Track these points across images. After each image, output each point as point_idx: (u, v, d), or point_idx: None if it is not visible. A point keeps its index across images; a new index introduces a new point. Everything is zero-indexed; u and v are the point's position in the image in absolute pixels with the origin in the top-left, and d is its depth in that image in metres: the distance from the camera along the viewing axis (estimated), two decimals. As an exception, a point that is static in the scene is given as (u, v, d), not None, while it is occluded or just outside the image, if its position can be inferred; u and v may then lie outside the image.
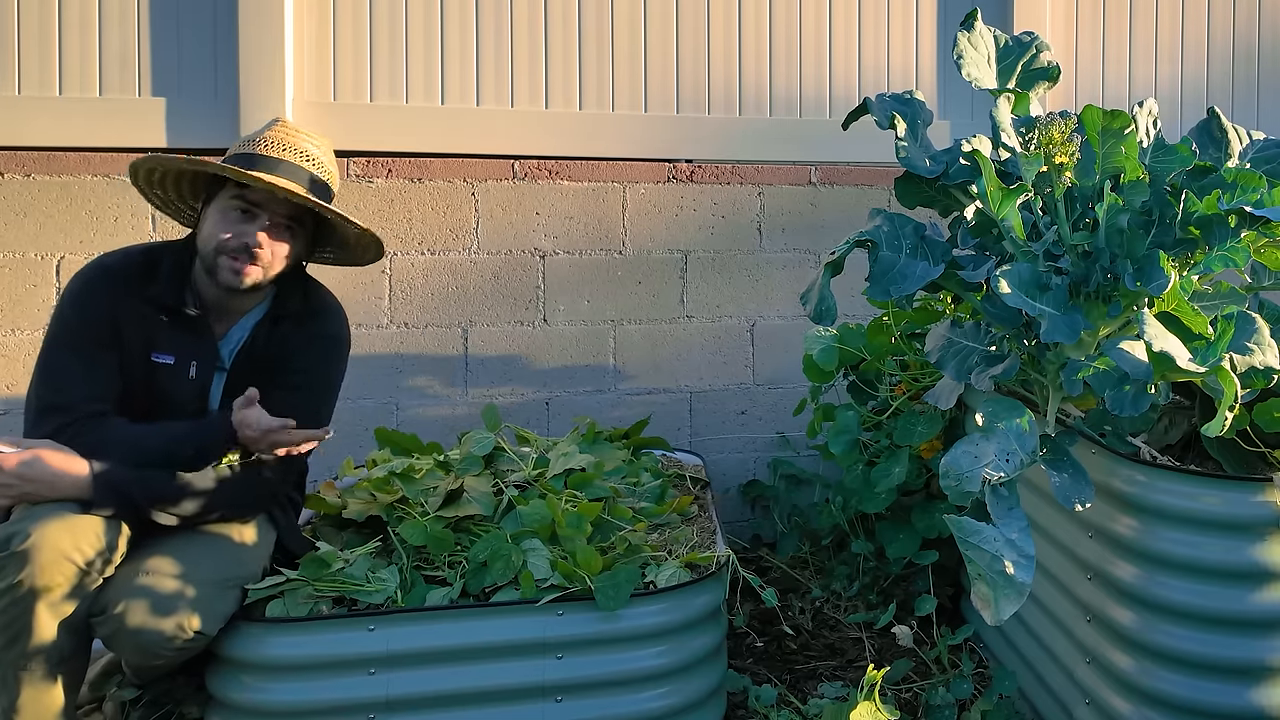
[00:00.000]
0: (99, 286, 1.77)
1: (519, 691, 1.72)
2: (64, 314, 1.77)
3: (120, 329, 1.77)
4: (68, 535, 1.56)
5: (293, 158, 1.79)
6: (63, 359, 1.74)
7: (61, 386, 1.72)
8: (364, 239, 1.90)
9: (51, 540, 1.54)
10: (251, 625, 1.68)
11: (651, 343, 3.00)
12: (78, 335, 1.75)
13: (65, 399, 1.71)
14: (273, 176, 1.73)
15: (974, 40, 1.73)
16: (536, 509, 1.95)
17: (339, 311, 1.97)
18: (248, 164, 1.75)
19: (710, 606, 1.84)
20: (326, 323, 1.93)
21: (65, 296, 1.78)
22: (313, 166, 1.81)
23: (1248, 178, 1.53)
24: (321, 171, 1.83)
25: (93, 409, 1.71)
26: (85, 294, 1.77)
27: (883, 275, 1.58)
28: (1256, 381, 1.49)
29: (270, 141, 1.80)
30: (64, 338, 1.75)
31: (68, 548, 1.55)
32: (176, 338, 1.80)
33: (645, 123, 3.00)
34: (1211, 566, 1.52)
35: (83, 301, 1.76)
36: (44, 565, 1.53)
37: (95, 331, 1.75)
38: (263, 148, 1.78)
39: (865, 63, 3.16)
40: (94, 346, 1.75)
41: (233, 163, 1.76)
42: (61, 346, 1.75)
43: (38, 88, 2.68)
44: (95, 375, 1.74)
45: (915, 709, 1.97)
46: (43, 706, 1.60)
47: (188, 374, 1.81)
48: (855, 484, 2.40)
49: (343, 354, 1.96)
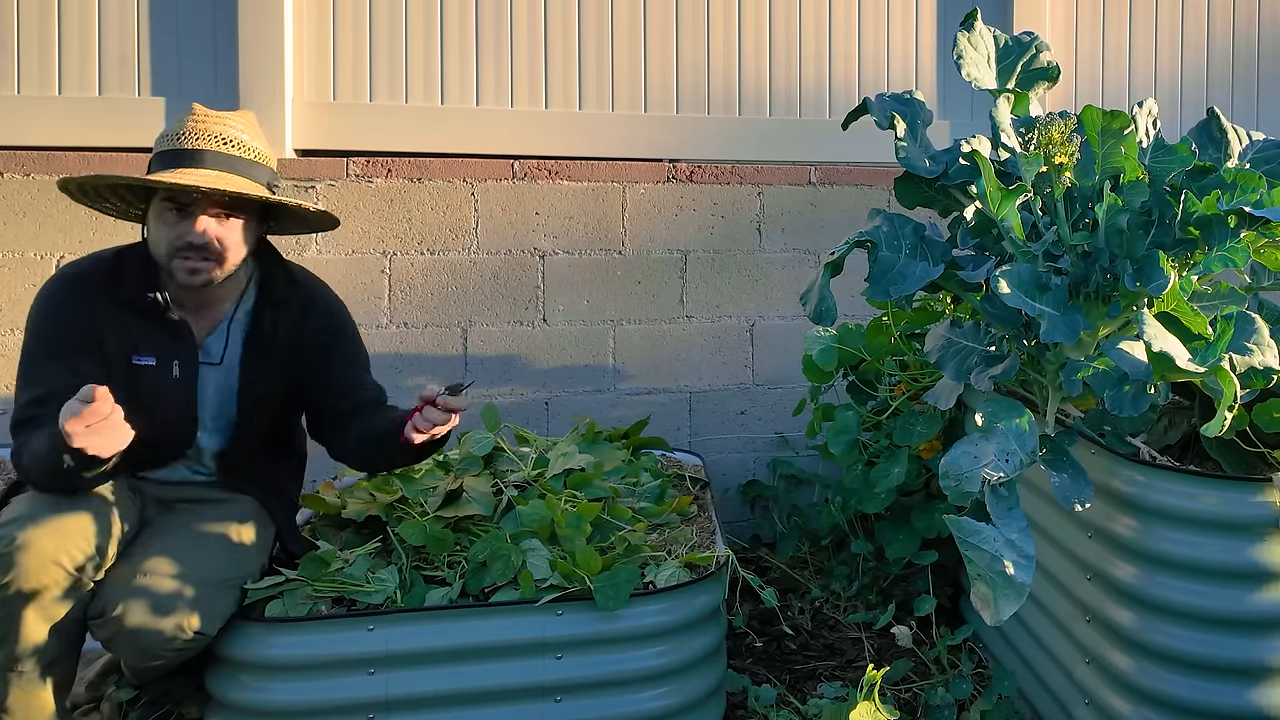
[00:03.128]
0: (74, 294, 1.74)
1: (518, 691, 1.72)
2: (39, 326, 1.73)
3: (100, 335, 1.74)
4: (54, 538, 1.55)
5: (213, 145, 1.74)
6: (44, 368, 1.70)
7: (43, 398, 1.66)
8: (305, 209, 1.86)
9: (38, 543, 1.54)
10: (251, 625, 1.68)
11: (651, 343, 3.00)
12: (57, 344, 1.71)
13: (39, 409, 1.65)
14: (194, 171, 1.69)
15: (974, 40, 1.73)
16: (536, 509, 1.95)
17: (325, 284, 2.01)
18: (171, 161, 1.71)
19: (710, 606, 1.84)
20: (325, 296, 1.97)
21: (39, 307, 1.75)
22: (235, 149, 1.76)
23: (1247, 178, 1.53)
24: (246, 152, 1.77)
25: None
26: (60, 303, 1.74)
27: (882, 275, 1.57)
28: (1256, 382, 1.49)
29: (187, 133, 1.75)
30: (43, 347, 1.71)
31: (55, 550, 1.54)
32: (156, 339, 1.78)
33: (645, 123, 3.00)
34: (1211, 567, 1.52)
35: (58, 310, 1.73)
36: (31, 568, 1.52)
37: (74, 339, 1.72)
38: (181, 141, 1.74)
39: (865, 63, 3.16)
40: (75, 354, 1.72)
41: (156, 163, 1.73)
42: (43, 356, 1.71)
43: (38, 88, 2.68)
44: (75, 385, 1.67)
45: (915, 709, 1.97)
46: (33, 709, 1.60)
47: (171, 374, 1.79)
48: (855, 484, 2.39)
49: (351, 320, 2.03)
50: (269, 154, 1.84)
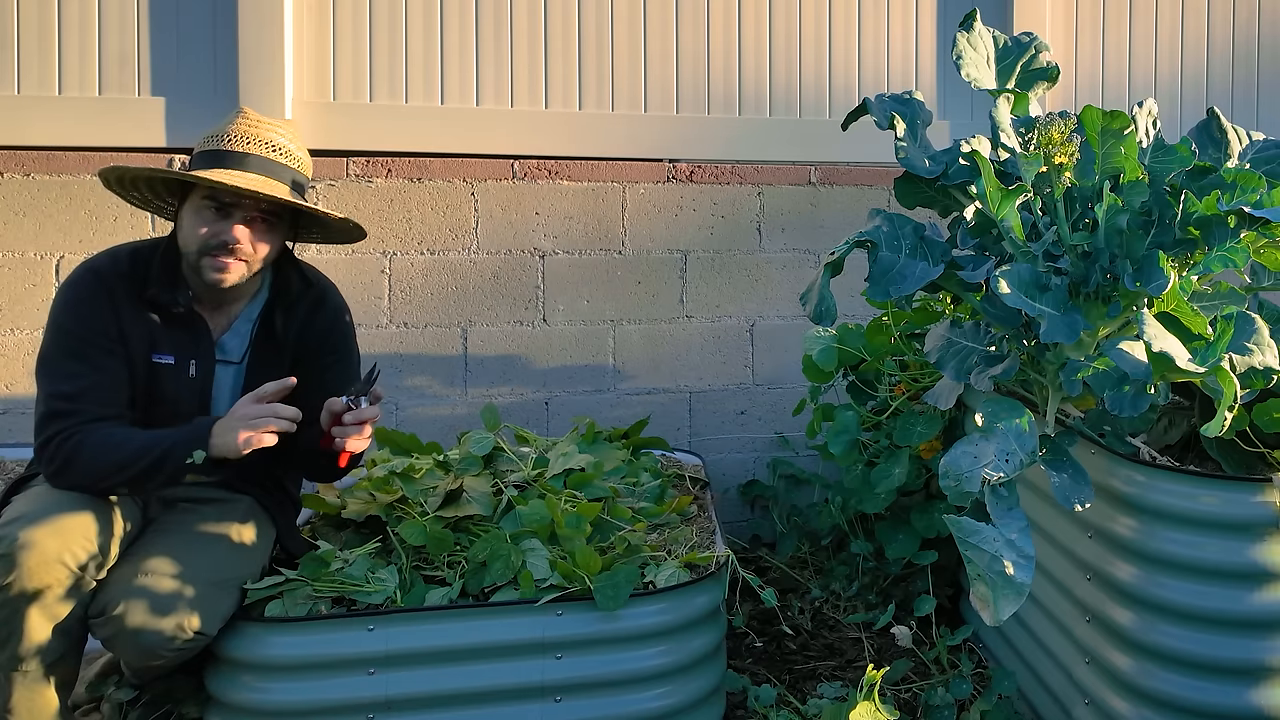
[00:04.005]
0: (96, 292, 1.74)
1: (518, 691, 1.72)
2: (63, 323, 1.73)
3: (124, 333, 1.75)
4: (56, 537, 1.55)
5: (261, 150, 1.76)
6: (69, 367, 1.70)
7: (71, 394, 1.67)
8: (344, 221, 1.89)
9: (39, 542, 1.54)
10: (251, 625, 1.68)
11: (651, 343, 3.00)
12: (82, 342, 1.71)
13: (74, 405, 1.67)
14: (241, 174, 1.70)
15: (973, 41, 1.73)
16: (536, 509, 1.95)
17: (334, 284, 2.02)
18: (215, 161, 1.72)
19: (709, 606, 1.84)
20: (335, 297, 1.99)
21: (61, 305, 1.74)
22: (282, 157, 1.78)
23: (1247, 178, 1.53)
24: (291, 161, 1.80)
25: (101, 413, 1.68)
26: (83, 301, 1.74)
27: (882, 275, 1.57)
28: (1256, 382, 1.49)
29: (236, 135, 1.76)
30: (67, 345, 1.71)
31: (57, 549, 1.55)
32: (174, 337, 1.79)
33: (645, 123, 3.00)
34: (1210, 567, 1.52)
35: (82, 309, 1.73)
36: (33, 568, 1.52)
37: (99, 338, 1.72)
38: (229, 143, 1.75)
39: (865, 63, 3.16)
40: (99, 354, 1.72)
41: (200, 160, 1.74)
42: (66, 355, 1.71)
43: (38, 87, 2.68)
44: (103, 381, 1.71)
45: (914, 709, 1.97)
46: (36, 708, 1.60)
47: (188, 373, 1.80)
48: (854, 484, 2.40)
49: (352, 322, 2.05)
50: (309, 163, 1.86)
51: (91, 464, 1.63)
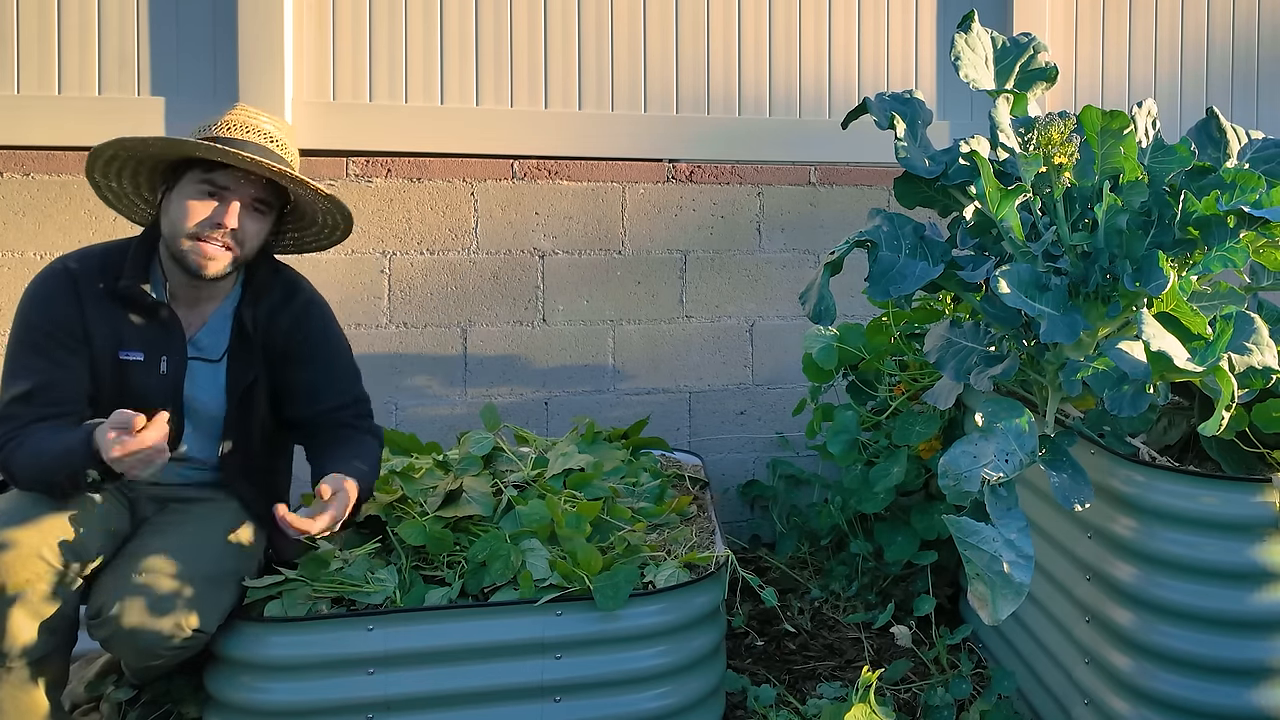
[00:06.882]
0: (63, 289, 1.74)
1: (518, 691, 1.72)
2: (28, 317, 1.73)
3: (88, 331, 1.74)
4: (35, 534, 1.56)
5: (259, 139, 1.77)
6: (28, 363, 1.71)
7: (25, 393, 1.68)
8: (331, 215, 1.88)
9: (19, 540, 1.54)
10: (250, 625, 1.68)
11: (650, 342, 3.00)
12: (43, 339, 1.72)
13: (23, 408, 1.67)
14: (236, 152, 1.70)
15: (971, 42, 1.73)
16: (535, 509, 1.95)
17: (305, 278, 1.98)
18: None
19: (709, 606, 1.84)
20: (304, 290, 1.94)
21: (28, 300, 1.75)
22: (277, 147, 1.79)
23: (1246, 178, 1.53)
24: (285, 154, 1.80)
25: (49, 413, 1.68)
26: (49, 297, 1.74)
27: (882, 275, 1.57)
28: (1255, 382, 1.49)
29: (232, 124, 1.77)
30: (29, 341, 1.72)
31: (36, 544, 1.55)
32: (144, 334, 1.78)
33: (645, 123, 3.00)
34: (1210, 567, 1.52)
35: (47, 305, 1.73)
36: (13, 565, 1.52)
37: (61, 335, 1.72)
38: (227, 130, 1.75)
39: (865, 63, 3.16)
40: (60, 351, 1.72)
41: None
42: (27, 350, 1.72)
43: (37, 87, 2.68)
44: (60, 377, 1.70)
45: (914, 709, 1.97)
46: (25, 707, 1.60)
47: (158, 369, 1.78)
48: (854, 484, 2.39)
49: (331, 313, 1.99)
50: (298, 164, 1.87)
51: (23, 470, 1.64)
